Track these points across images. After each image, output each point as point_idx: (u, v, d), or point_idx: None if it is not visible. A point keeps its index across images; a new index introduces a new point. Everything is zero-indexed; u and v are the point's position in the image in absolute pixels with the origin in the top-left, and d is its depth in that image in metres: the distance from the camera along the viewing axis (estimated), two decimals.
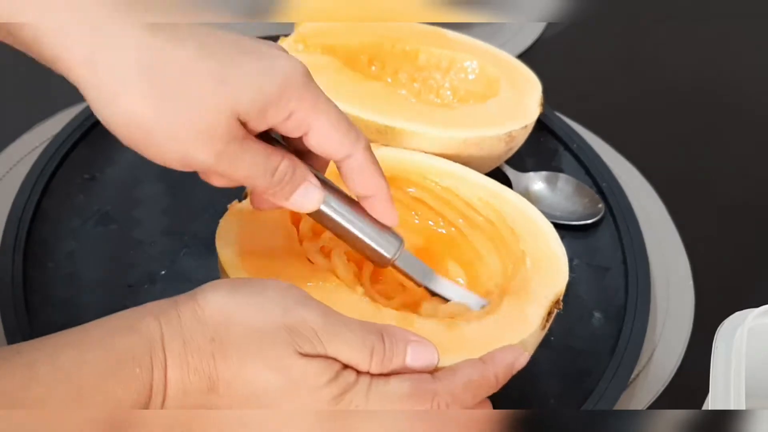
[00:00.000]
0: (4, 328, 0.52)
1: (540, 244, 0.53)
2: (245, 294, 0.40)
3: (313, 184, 0.44)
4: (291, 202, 0.44)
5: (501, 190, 0.56)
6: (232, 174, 0.41)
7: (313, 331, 0.39)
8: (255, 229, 0.50)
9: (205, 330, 0.38)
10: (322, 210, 0.46)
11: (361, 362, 0.40)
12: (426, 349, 0.42)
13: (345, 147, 0.44)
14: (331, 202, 0.46)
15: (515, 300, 0.50)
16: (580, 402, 0.53)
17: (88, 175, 0.64)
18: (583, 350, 0.58)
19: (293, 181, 0.43)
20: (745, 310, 0.49)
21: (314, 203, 0.45)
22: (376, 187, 0.46)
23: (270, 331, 0.38)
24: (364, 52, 0.67)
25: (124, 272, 0.58)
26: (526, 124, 0.61)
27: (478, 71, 0.66)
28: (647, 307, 0.59)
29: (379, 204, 0.47)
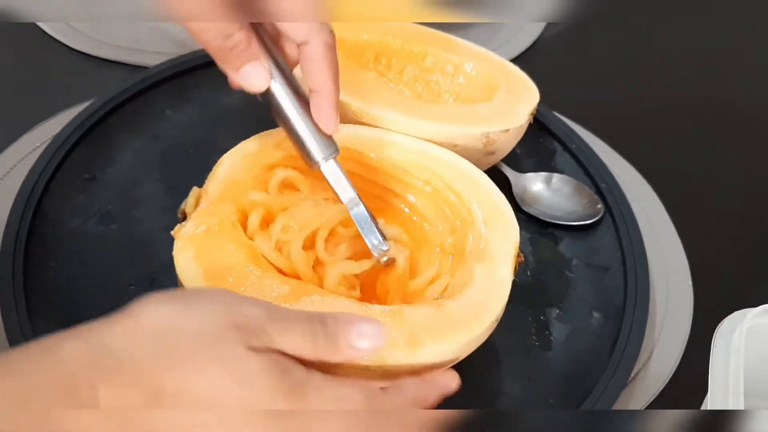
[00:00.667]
0: (5, 327, 0.52)
1: (485, 201, 0.55)
2: (184, 302, 0.39)
3: (262, 65, 0.47)
4: (240, 74, 0.47)
5: (439, 152, 0.57)
6: (191, 25, 0.43)
7: (258, 325, 0.38)
8: (212, 252, 0.49)
9: (144, 344, 0.36)
10: (271, 91, 0.48)
11: (306, 349, 0.39)
12: (372, 327, 0.41)
13: (304, 30, 0.46)
14: (281, 89, 0.48)
15: (483, 265, 0.51)
16: (580, 401, 0.54)
17: (88, 175, 0.65)
18: (583, 350, 0.58)
19: (244, 54, 0.46)
20: (743, 309, 0.49)
21: (259, 82, 0.47)
22: (322, 84, 0.48)
23: (216, 332, 0.37)
24: (372, 49, 0.67)
25: (124, 272, 0.58)
26: (507, 128, 0.60)
27: (480, 77, 0.66)
28: (646, 307, 0.59)
29: (322, 103, 0.49)
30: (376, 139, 0.58)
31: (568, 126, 0.72)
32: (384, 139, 0.57)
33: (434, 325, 0.47)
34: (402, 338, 0.46)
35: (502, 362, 0.57)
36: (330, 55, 0.47)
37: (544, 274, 0.63)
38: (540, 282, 0.62)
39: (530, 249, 0.64)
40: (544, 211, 0.66)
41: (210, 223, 0.49)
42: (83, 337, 0.36)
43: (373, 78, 0.63)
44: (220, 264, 0.48)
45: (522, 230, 0.64)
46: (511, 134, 0.61)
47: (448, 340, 0.46)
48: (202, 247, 0.49)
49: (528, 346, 0.58)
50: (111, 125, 0.67)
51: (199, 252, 0.49)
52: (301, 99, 0.50)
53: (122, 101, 0.68)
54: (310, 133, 0.50)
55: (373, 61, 0.67)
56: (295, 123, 0.49)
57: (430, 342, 0.46)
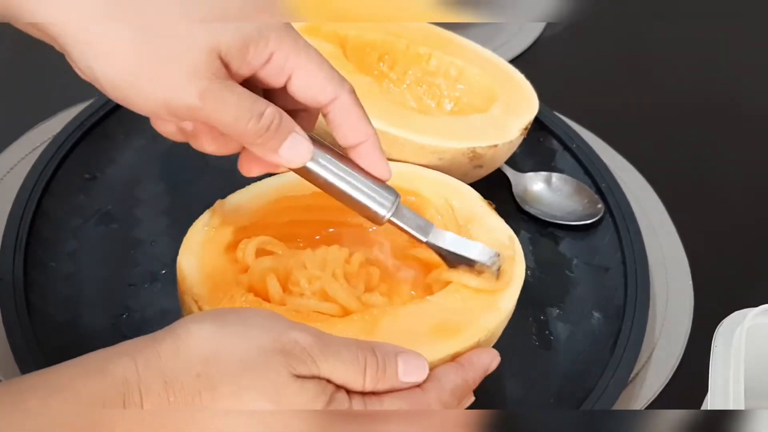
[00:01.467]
0: (5, 327, 0.52)
1: (425, 180, 0.56)
2: (230, 323, 0.38)
3: (300, 135, 0.43)
4: (281, 154, 0.43)
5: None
6: (219, 117, 0.40)
7: (306, 352, 0.38)
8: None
9: (189, 366, 0.36)
10: (312, 167, 0.44)
11: (354, 380, 0.39)
12: (417, 360, 0.42)
13: (330, 89, 0.43)
14: (320, 157, 0.44)
15: (475, 227, 0.53)
16: (580, 401, 0.54)
17: (88, 174, 0.65)
18: (583, 350, 0.58)
19: (281, 130, 0.42)
20: (743, 309, 0.49)
21: (304, 155, 0.43)
22: (365, 133, 0.45)
23: (262, 357, 0.37)
24: (376, 49, 0.67)
25: (124, 272, 0.58)
26: (496, 144, 0.60)
27: (481, 85, 0.65)
28: (646, 307, 0.59)
29: (369, 152, 0.45)
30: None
31: (569, 126, 0.72)
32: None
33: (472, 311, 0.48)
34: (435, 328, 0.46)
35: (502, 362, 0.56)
36: (359, 102, 0.44)
37: (545, 274, 0.63)
38: (540, 282, 0.62)
39: (530, 249, 0.64)
40: (544, 210, 0.66)
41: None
42: (132, 356, 0.36)
43: (367, 84, 0.62)
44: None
45: (522, 230, 0.65)
46: (499, 149, 0.60)
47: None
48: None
49: (528, 346, 0.58)
50: (111, 125, 0.67)
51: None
52: (343, 159, 0.46)
53: None
54: (368, 190, 0.45)
55: (377, 61, 0.67)
56: (348, 188, 0.45)
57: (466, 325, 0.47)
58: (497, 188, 0.66)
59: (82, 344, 0.54)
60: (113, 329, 0.55)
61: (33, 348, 0.51)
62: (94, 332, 0.55)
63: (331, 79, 0.43)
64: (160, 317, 0.56)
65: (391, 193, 0.46)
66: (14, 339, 0.52)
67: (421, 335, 0.46)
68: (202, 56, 0.38)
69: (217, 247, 0.50)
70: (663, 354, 0.59)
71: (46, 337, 0.53)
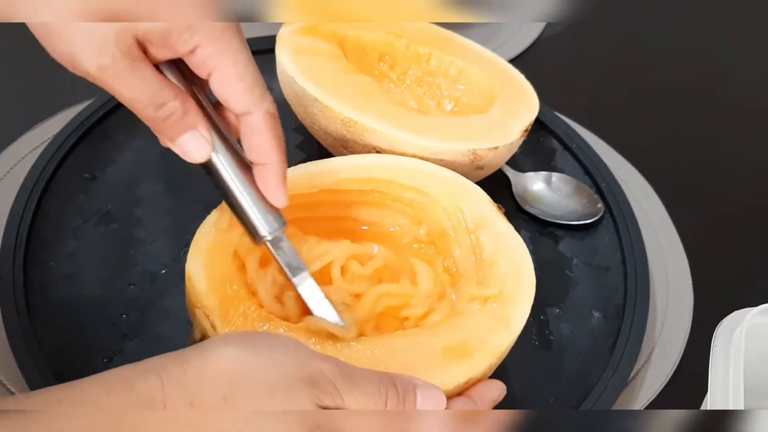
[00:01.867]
0: (6, 327, 0.52)
1: (435, 179, 0.56)
2: (258, 348, 0.38)
3: (201, 134, 0.43)
4: (176, 145, 0.43)
5: (386, 160, 0.56)
6: (116, 93, 0.41)
7: (332, 383, 0.38)
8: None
9: (216, 387, 0.36)
10: (212, 164, 0.45)
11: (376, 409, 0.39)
12: (434, 392, 0.41)
13: (244, 101, 0.43)
14: (222, 158, 0.44)
15: (482, 231, 0.53)
16: (580, 401, 0.54)
17: (88, 174, 0.65)
18: (583, 349, 0.58)
19: (181, 124, 0.42)
20: (743, 309, 0.49)
21: (198, 154, 0.44)
22: (268, 156, 0.44)
23: (289, 385, 0.37)
24: (376, 49, 0.67)
25: (125, 271, 0.58)
26: (497, 146, 0.59)
27: (481, 86, 0.65)
28: (646, 307, 0.59)
29: (268, 176, 0.45)
30: (322, 172, 0.56)
31: (569, 125, 0.72)
32: (332, 168, 0.56)
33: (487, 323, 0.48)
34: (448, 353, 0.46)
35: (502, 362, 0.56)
36: (274, 126, 0.44)
37: (545, 274, 0.62)
38: (540, 281, 0.62)
39: (530, 248, 0.64)
40: (544, 210, 0.66)
41: (246, 330, 0.47)
42: (159, 374, 0.36)
43: (367, 84, 0.61)
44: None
45: (522, 230, 0.65)
46: (500, 151, 0.60)
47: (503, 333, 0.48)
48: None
49: (528, 346, 0.58)
50: (111, 125, 0.67)
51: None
52: (246, 170, 0.46)
53: None
54: (255, 207, 0.46)
55: (377, 61, 0.67)
56: (239, 197, 0.45)
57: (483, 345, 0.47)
58: (497, 188, 0.66)
59: (82, 344, 0.54)
60: (113, 329, 0.55)
61: (33, 348, 0.51)
62: (94, 332, 0.55)
63: (249, 91, 0.43)
64: (160, 317, 0.56)
65: (278, 220, 0.47)
66: (14, 339, 0.52)
67: (434, 360, 0.46)
68: (113, 33, 0.39)
69: (226, 252, 0.49)
70: (663, 354, 0.59)
71: (46, 337, 0.53)
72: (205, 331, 0.46)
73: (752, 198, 0.74)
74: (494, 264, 0.52)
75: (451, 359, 0.46)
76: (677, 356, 0.59)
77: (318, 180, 0.54)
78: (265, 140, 0.44)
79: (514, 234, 0.53)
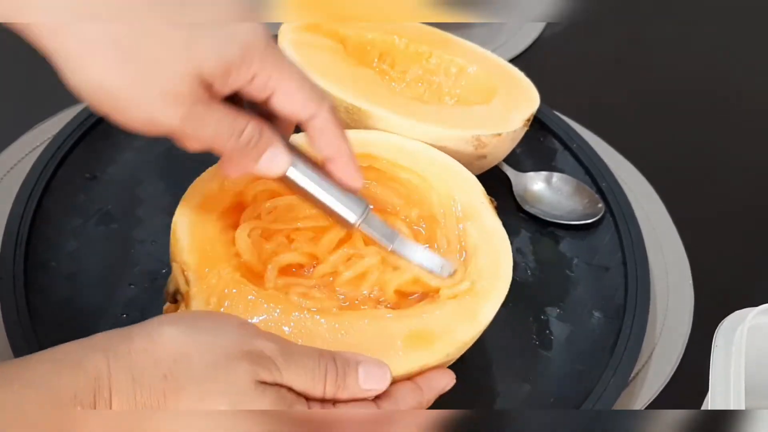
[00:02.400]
0: (6, 327, 0.52)
1: (433, 165, 0.56)
2: (200, 329, 0.40)
3: (280, 149, 0.45)
4: (259, 165, 0.45)
5: (381, 137, 0.57)
6: (200, 136, 0.42)
7: (270, 359, 0.39)
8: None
9: (157, 366, 0.37)
10: (290, 175, 0.47)
11: (314, 386, 0.40)
12: (378, 369, 0.43)
13: (310, 107, 0.45)
14: (298, 165, 0.47)
15: (471, 222, 0.54)
16: (580, 401, 0.54)
17: (89, 174, 0.65)
18: (583, 349, 0.58)
19: (260, 144, 0.44)
20: (744, 309, 0.49)
21: (282, 167, 0.46)
22: (339, 148, 0.47)
23: (228, 362, 0.38)
24: (376, 48, 0.67)
25: (125, 271, 0.58)
26: (500, 133, 0.60)
27: (481, 81, 0.65)
28: (647, 307, 0.59)
29: (342, 166, 0.47)
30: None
31: (569, 125, 0.72)
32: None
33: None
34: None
35: (502, 362, 0.57)
36: (336, 119, 0.46)
37: (545, 274, 0.63)
38: (540, 281, 0.62)
39: (531, 248, 0.64)
40: (544, 210, 0.66)
41: (217, 291, 0.48)
42: (105, 352, 0.38)
43: (369, 75, 0.62)
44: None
45: (522, 230, 0.65)
46: (503, 139, 0.60)
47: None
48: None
49: (528, 346, 0.58)
50: (111, 125, 0.67)
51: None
52: (315, 166, 0.48)
53: None
54: (339, 198, 0.48)
55: (378, 60, 0.67)
56: (321, 195, 0.48)
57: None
58: (497, 188, 0.66)
59: None
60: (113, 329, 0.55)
61: (33, 347, 0.51)
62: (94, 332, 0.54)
63: (310, 98, 0.45)
64: None
65: (361, 202, 0.49)
66: (14, 339, 0.52)
67: (395, 343, 0.46)
68: (185, 83, 0.40)
69: (214, 212, 0.51)
70: (663, 354, 0.59)
71: (46, 336, 0.53)
72: (179, 285, 0.47)
73: (753, 198, 0.74)
74: (475, 255, 0.52)
75: (411, 344, 0.46)
76: (678, 356, 0.59)
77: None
78: (334, 135, 0.46)
79: (501, 230, 0.54)
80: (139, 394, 0.37)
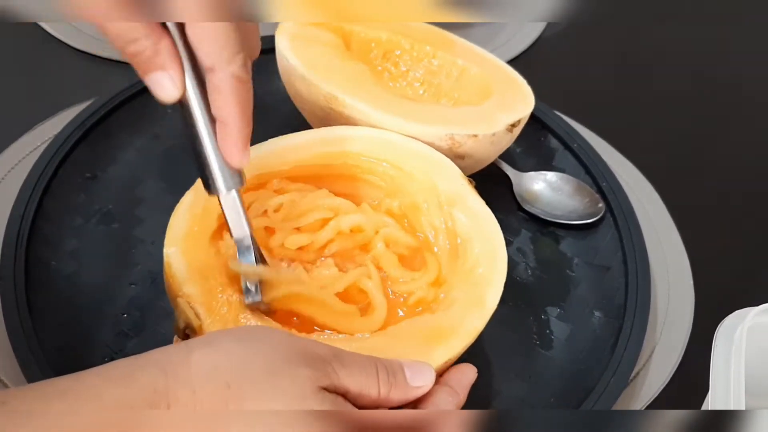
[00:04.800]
0: (7, 327, 0.52)
1: (407, 153, 0.57)
2: (257, 338, 0.40)
3: (171, 77, 0.43)
4: (147, 79, 0.43)
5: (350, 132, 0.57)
6: (105, 31, 0.41)
7: (327, 362, 0.40)
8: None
9: (219, 376, 0.37)
10: (185, 110, 0.44)
11: (369, 384, 0.41)
12: (421, 366, 0.44)
13: (213, 55, 0.42)
14: (195, 107, 0.44)
15: (458, 207, 0.54)
16: (580, 401, 0.54)
17: (89, 174, 0.65)
18: (584, 349, 0.58)
19: (148, 62, 0.42)
20: (744, 308, 0.49)
21: (166, 93, 0.43)
22: (231, 114, 0.44)
23: (289, 366, 0.38)
24: (380, 46, 0.67)
25: (125, 271, 0.59)
26: (476, 134, 0.59)
27: (478, 84, 0.65)
28: (647, 306, 0.59)
29: (227, 135, 0.44)
30: (295, 147, 0.57)
31: (569, 125, 0.72)
32: (302, 143, 0.57)
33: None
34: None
35: (502, 362, 0.57)
36: (239, 90, 0.43)
37: (545, 274, 0.63)
38: (541, 281, 0.62)
39: (531, 248, 0.64)
40: (545, 210, 0.66)
41: (230, 318, 0.47)
42: (162, 365, 0.37)
43: (359, 69, 0.62)
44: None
45: (523, 229, 0.65)
46: (480, 140, 0.59)
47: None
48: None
49: (529, 346, 0.58)
50: (112, 124, 0.67)
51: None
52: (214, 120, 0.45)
53: (123, 100, 0.68)
54: (216, 159, 0.45)
55: (382, 59, 0.67)
56: (202, 146, 0.45)
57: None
58: (497, 187, 0.66)
59: (83, 344, 0.54)
60: (113, 329, 0.55)
61: (34, 347, 0.51)
62: (95, 332, 0.55)
63: (222, 47, 0.42)
64: (160, 317, 0.56)
65: (234, 177, 0.46)
66: (15, 338, 0.52)
67: (416, 345, 0.47)
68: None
69: (204, 237, 0.50)
70: (664, 353, 0.59)
71: (47, 336, 0.53)
72: (189, 319, 0.47)
73: (753, 198, 0.74)
74: (469, 243, 0.53)
75: (430, 343, 0.47)
76: (678, 356, 0.59)
77: (290, 156, 0.56)
78: (226, 102, 0.43)
79: (486, 210, 0.54)
80: (199, 405, 0.36)
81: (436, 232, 0.55)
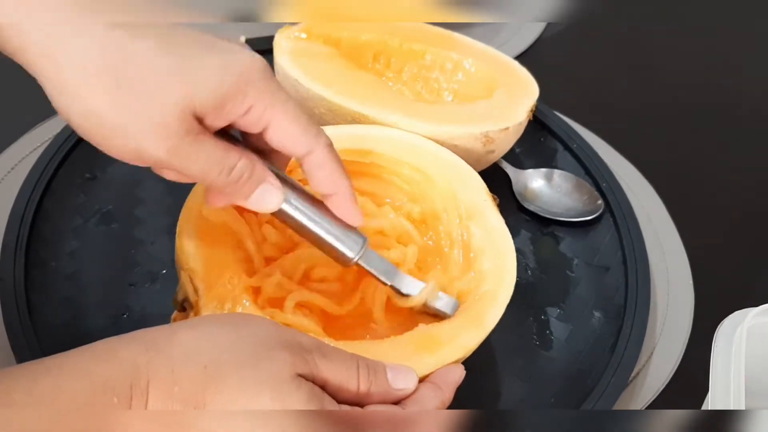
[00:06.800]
0: (6, 327, 0.52)
1: (429, 160, 0.56)
2: (242, 324, 0.40)
3: (272, 185, 0.44)
4: (250, 201, 0.44)
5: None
6: (186, 170, 0.41)
7: (308, 350, 0.40)
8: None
9: (199, 357, 0.37)
10: (284, 210, 0.45)
11: (349, 378, 0.40)
12: (404, 369, 0.43)
13: (305, 143, 0.43)
14: (293, 200, 0.45)
15: (475, 221, 0.54)
16: (580, 401, 0.54)
17: (89, 174, 0.65)
18: (583, 349, 0.58)
19: (252, 181, 0.43)
20: (744, 309, 0.49)
21: (273, 204, 0.45)
22: (338, 185, 0.45)
23: (270, 350, 0.38)
24: (370, 48, 0.67)
25: (125, 271, 0.58)
26: (507, 127, 0.60)
27: (479, 75, 0.66)
28: (647, 307, 0.59)
29: (342, 203, 0.46)
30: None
31: (569, 125, 0.72)
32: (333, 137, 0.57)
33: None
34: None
35: (502, 362, 0.57)
36: (334, 155, 0.45)
37: (545, 274, 0.63)
38: (541, 281, 0.62)
39: (531, 248, 0.64)
40: (544, 207, 0.66)
41: (228, 300, 0.47)
42: (145, 342, 0.38)
43: (371, 80, 0.62)
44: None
45: (523, 230, 0.65)
46: (510, 132, 0.61)
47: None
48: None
49: (528, 346, 0.58)
50: None
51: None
52: (315, 203, 0.47)
53: None
54: (338, 234, 0.47)
55: (372, 61, 0.67)
56: (318, 230, 0.47)
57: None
58: (497, 185, 0.66)
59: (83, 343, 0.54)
60: (113, 329, 0.55)
61: (33, 348, 0.51)
62: (95, 332, 0.55)
63: (305, 133, 0.43)
64: (160, 317, 0.56)
65: (359, 238, 0.48)
66: (15, 339, 0.52)
67: (404, 350, 0.47)
68: (175, 115, 0.38)
69: (218, 216, 0.50)
70: (663, 354, 0.59)
71: (47, 337, 0.53)
72: (187, 294, 0.47)
73: (753, 198, 0.74)
74: (479, 258, 0.53)
75: (418, 351, 0.47)
76: (678, 356, 0.59)
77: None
78: (331, 172, 0.45)
79: (504, 228, 0.54)
80: (177, 385, 0.37)
81: (452, 243, 0.54)
